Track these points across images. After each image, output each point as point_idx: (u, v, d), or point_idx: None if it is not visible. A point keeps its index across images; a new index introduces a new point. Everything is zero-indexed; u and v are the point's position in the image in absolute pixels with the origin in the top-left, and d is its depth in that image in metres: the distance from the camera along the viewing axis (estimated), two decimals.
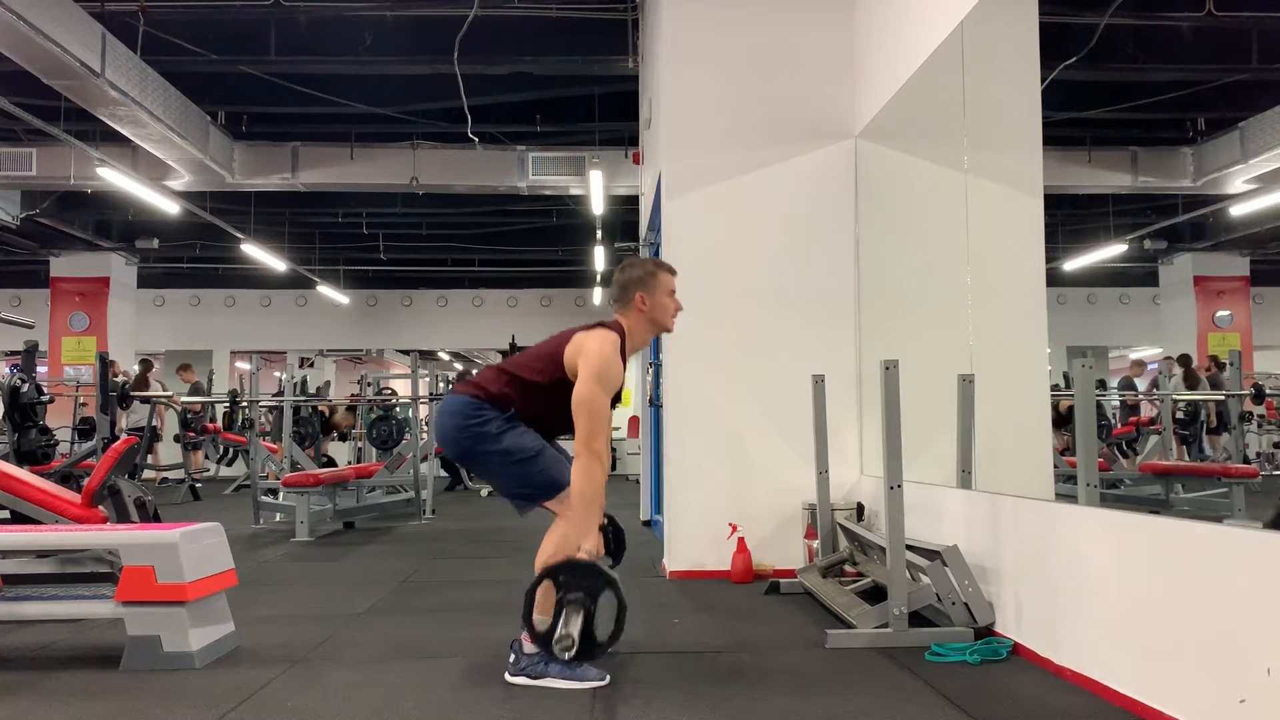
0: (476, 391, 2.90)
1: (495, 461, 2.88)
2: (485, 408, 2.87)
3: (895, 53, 4.35)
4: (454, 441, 2.92)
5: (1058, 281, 11.00)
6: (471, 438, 2.86)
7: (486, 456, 2.88)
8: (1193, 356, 9.10)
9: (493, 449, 2.85)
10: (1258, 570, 2.12)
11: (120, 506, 4.55)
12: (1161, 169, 8.61)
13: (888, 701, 2.63)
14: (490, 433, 2.84)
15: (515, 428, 2.87)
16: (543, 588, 2.74)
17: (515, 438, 2.85)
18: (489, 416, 2.85)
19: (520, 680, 2.79)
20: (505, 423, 2.86)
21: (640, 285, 3.00)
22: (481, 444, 2.86)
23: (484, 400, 2.88)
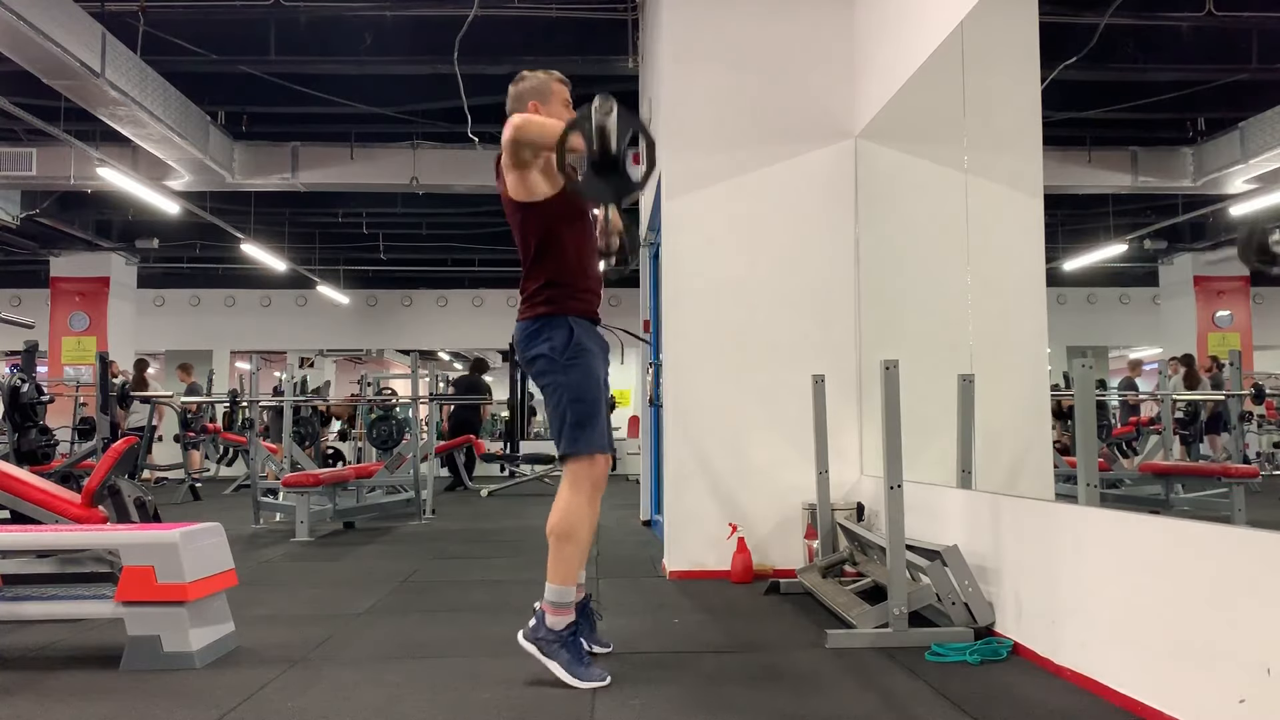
0: (534, 310, 2.94)
1: (557, 393, 2.90)
2: (552, 325, 2.90)
3: (895, 53, 4.35)
4: (530, 366, 2.98)
5: (1058, 281, 11.00)
6: (543, 363, 2.91)
7: (552, 385, 2.91)
8: (1194, 356, 9.10)
9: (560, 380, 2.89)
10: (1258, 570, 2.12)
11: (120, 506, 4.55)
12: (1161, 169, 8.61)
13: (888, 702, 2.63)
14: (558, 362, 2.89)
15: (582, 361, 2.90)
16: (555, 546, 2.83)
17: (579, 377, 2.90)
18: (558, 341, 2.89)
19: (530, 647, 2.81)
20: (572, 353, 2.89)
21: (534, 95, 3.02)
22: (551, 371, 2.90)
23: (544, 315, 2.92)
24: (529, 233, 2.96)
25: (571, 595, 2.84)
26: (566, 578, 2.83)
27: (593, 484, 2.90)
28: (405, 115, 8.64)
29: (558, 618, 2.81)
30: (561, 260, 2.95)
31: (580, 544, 2.87)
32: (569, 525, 2.85)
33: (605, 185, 2.66)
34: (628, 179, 2.67)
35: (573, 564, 2.85)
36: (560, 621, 2.81)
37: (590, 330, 3.00)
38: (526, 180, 2.91)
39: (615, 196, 2.74)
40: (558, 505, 2.88)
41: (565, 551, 2.84)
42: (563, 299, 2.94)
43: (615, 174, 2.62)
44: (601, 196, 2.75)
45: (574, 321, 2.93)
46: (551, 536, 2.86)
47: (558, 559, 2.84)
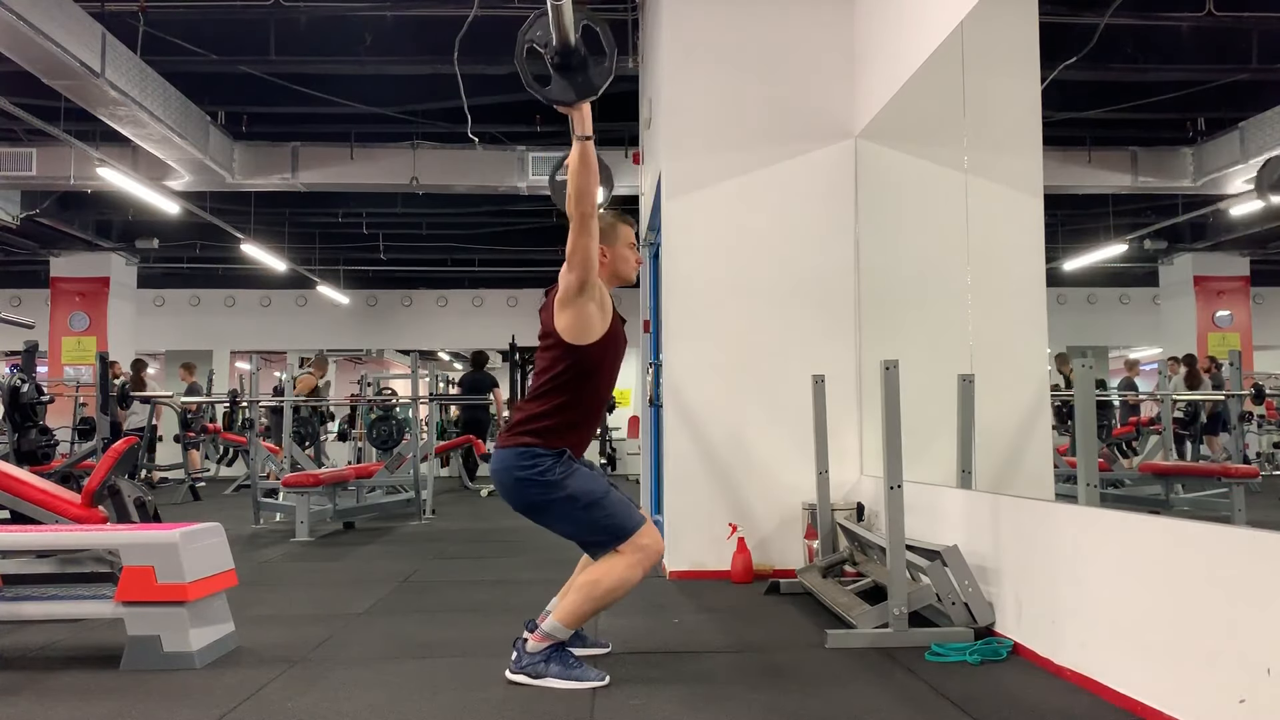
0: (520, 439, 2.82)
1: (562, 509, 2.81)
2: (537, 453, 2.80)
3: (895, 53, 4.35)
4: (518, 496, 2.84)
5: (1058, 281, 10.99)
6: (534, 488, 2.80)
7: (552, 505, 2.81)
8: (1195, 356, 9.10)
9: (558, 496, 2.79)
10: (1258, 570, 2.12)
11: (120, 506, 4.55)
12: (1161, 169, 8.61)
13: (888, 701, 2.63)
14: (552, 480, 2.78)
15: (574, 470, 2.82)
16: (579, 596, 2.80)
17: (579, 482, 2.80)
18: (545, 465, 2.78)
19: (521, 679, 2.79)
20: (563, 467, 2.80)
21: (601, 239, 2.97)
22: (545, 493, 2.80)
23: (530, 445, 2.81)
24: (561, 367, 2.84)
25: (566, 635, 2.84)
26: (574, 627, 2.83)
27: (645, 554, 2.82)
28: (405, 115, 8.64)
29: (538, 642, 2.81)
30: (582, 403, 2.86)
31: (608, 605, 2.86)
32: (611, 588, 2.79)
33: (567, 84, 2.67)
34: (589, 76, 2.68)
35: (587, 618, 2.85)
36: (540, 644, 2.81)
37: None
38: (583, 316, 2.81)
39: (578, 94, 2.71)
40: (612, 566, 2.80)
41: (591, 606, 2.81)
42: (560, 435, 2.83)
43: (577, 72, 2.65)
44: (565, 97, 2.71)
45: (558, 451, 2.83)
46: (589, 586, 2.79)
47: (582, 610, 2.79)
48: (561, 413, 2.83)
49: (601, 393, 2.94)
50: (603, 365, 2.90)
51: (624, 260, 3.02)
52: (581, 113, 2.71)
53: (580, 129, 2.71)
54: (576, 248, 2.74)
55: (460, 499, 9.96)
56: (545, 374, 2.88)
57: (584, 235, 2.72)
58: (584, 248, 2.73)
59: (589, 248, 2.74)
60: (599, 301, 2.84)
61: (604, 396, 2.98)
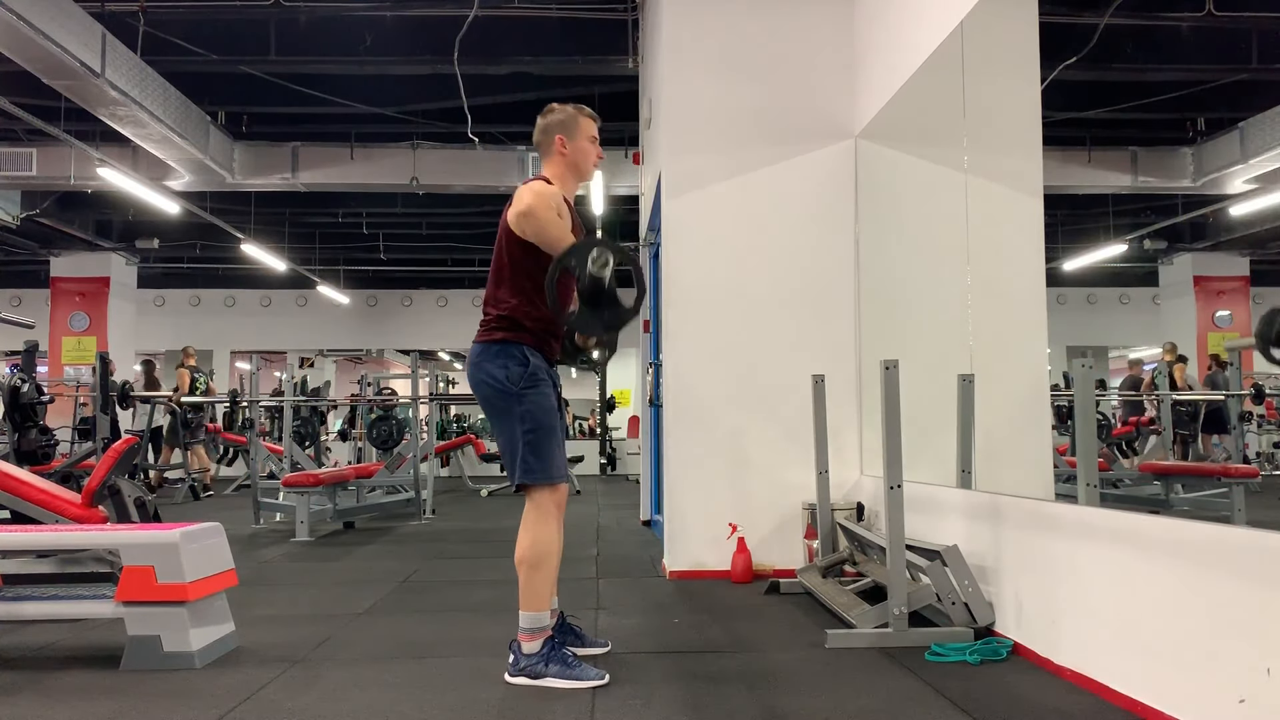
0: (494, 334, 2.87)
1: (507, 421, 2.85)
2: (510, 352, 2.84)
3: (895, 53, 4.35)
4: (480, 391, 2.89)
5: (1058, 281, 11.01)
6: (494, 393, 2.84)
7: (503, 413, 2.85)
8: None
9: (511, 407, 2.83)
10: (1258, 570, 2.12)
11: (120, 506, 4.56)
12: (1161, 169, 8.61)
13: (888, 701, 2.63)
14: (511, 392, 2.82)
15: (536, 389, 2.84)
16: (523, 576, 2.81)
17: (533, 404, 2.83)
18: (512, 372, 2.82)
19: (520, 680, 2.79)
20: (527, 381, 2.83)
21: (560, 128, 2.99)
22: (502, 401, 2.84)
23: (504, 340, 2.85)
24: (509, 256, 2.88)
25: (545, 620, 2.85)
26: (539, 604, 2.83)
27: (557, 506, 2.87)
28: (405, 115, 8.64)
29: (533, 641, 2.81)
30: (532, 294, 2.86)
31: (550, 570, 2.86)
32: (539, 554, 2.82)
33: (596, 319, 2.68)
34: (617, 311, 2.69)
35: (544, 591, 2.85)
36: (536, 644, 2.81)
37: (546, 364, 2.94)
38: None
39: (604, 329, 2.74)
40: (525, 535, 2.84)
41: (536, 580, 2.82)
42: (524, 330, 2.87)
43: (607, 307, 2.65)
44: (592, 330, 2.75)
45: (531, 352, 2.86)
46: (523, 567, 2.83)
47: (530, 588, 2.82)
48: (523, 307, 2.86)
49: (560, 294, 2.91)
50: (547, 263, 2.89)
51: (584, 154, 3.01)
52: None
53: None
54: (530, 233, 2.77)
55: (460, 499, 9.97)
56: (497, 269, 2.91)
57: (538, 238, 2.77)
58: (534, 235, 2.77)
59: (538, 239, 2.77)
60: (556, 209, 2.83)
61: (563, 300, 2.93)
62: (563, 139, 2.99)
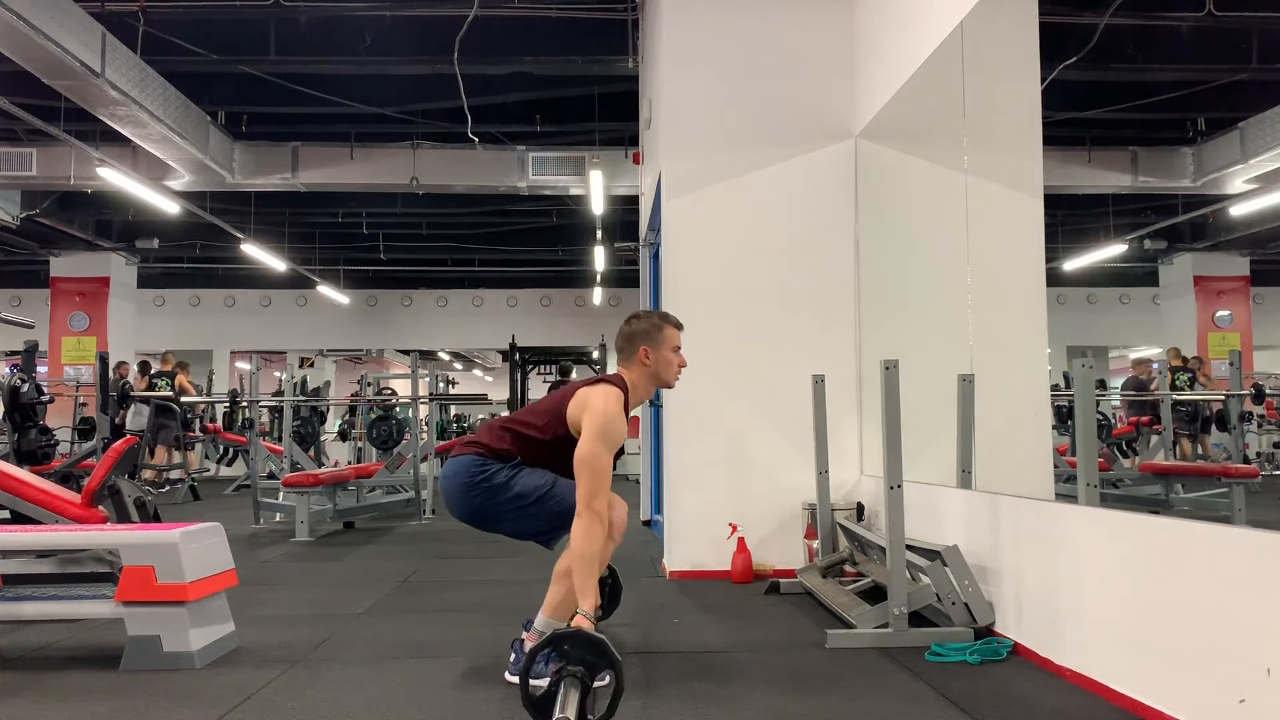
0: (478, 450, 2.83)
1: (510, 509, 2.80)
2: (488, 462, 2.80)
3: (895, 53, 4.35)
4: (464, 501, 2.83)
5: (1058, 281, 10.98)
6: (481, 493, 2.79)
7: (500, 508, 2.80)
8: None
9: (505, 498, 2.78)
10: (1258, 570, 2.12)
11: (120, 506, 4.55)
12: (1161, 169, 8.61)
13: (888, 701, 2.63)
14: (499, 483, 2.77)
15: (521, 471, 2.81)
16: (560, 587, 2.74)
17: (525, 479, 2.79)
18: (494, 468, 2.79)
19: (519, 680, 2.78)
20: (511, 470, 2.80)
21: (645, 339, 2.94)
22: (493, 497, 2.78)
23: (486, 456, 2.81)
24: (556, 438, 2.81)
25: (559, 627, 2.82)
26: (562, 617, 2.78)
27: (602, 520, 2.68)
28: (405, 115, 8.64)
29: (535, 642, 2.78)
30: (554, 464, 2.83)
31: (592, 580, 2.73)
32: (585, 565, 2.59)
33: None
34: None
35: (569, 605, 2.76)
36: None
37: None
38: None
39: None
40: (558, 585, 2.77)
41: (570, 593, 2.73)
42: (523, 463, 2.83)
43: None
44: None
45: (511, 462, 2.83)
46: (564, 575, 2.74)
47: (564, 599, 2.75)
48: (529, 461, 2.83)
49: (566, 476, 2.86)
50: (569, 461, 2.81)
51: (667, 364, 2.97)
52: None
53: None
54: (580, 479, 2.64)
55: None
56: (536, 429, 2.84)
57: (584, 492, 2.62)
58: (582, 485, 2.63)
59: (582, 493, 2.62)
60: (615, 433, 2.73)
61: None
62: (647, 350, 2.93)
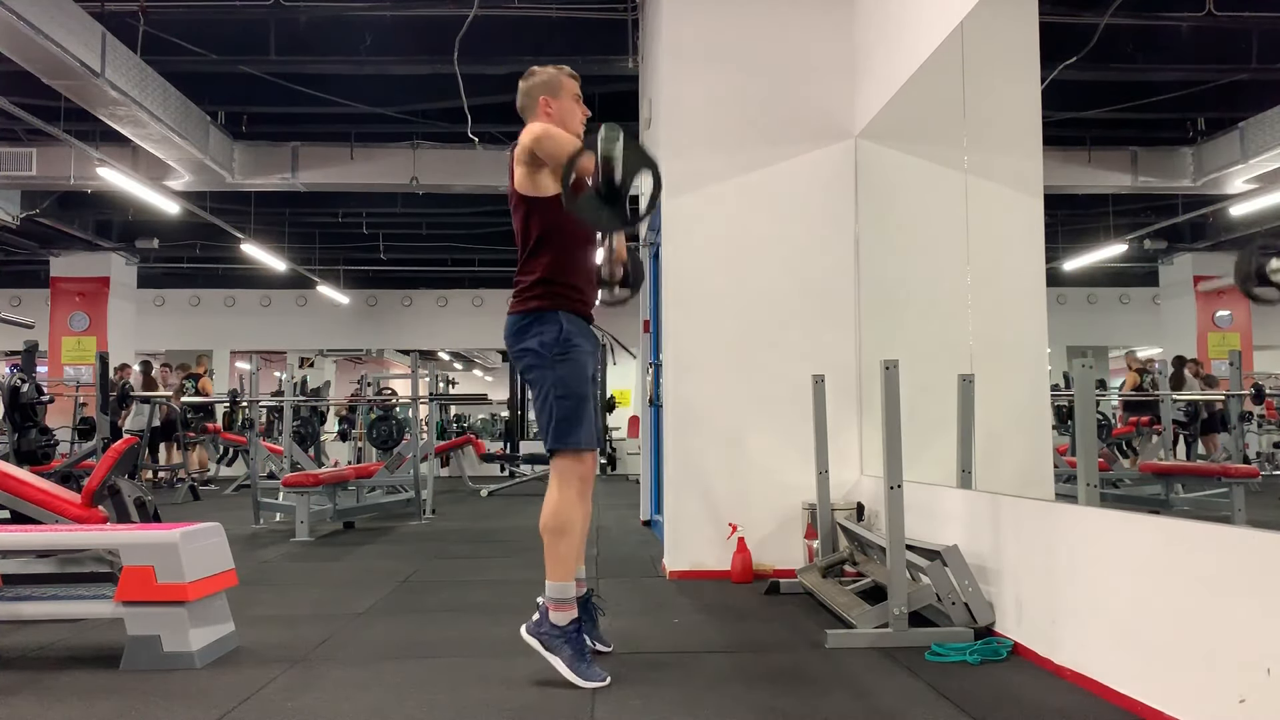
0: (526, 304, 2.92)
1: (542, 385, 2.90)
2: (544, 318, 2.89)
3: (895, 53, 4.35)
4: (518, 359, 2.96)
5: (1058, 281, 10.97)
6: (530, 357, 2.90)
7: (538, 378, 2.91)
8: (1185, 358, 9.13)
9: (546, 372, 2.88)
10: (1258, 570, 2.12)
11: (120, 506, 4.56)
12: (1161, 169, 8.61)
13: (888, 701, 2.63)
14: (545, 357, 2.88)
15: (570, 355, 2.89)
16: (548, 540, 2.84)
17: (566, 371, 2.89)
18: (549, 336, 2.87)
19: (533, 642, 2.82)
20: (560, 348, 2.88)
21: (544, 89, 3.04)
22: (539, 364, 2.89)
23: (537, 309, 2.90)
24: (531, 225, 2.95)
25: (572, 590, 2.85)
26: (565, 573, 2.84)
27: (581, 479, 2.91)
28: (405, 115, 8.64)
29: (561, 613, 2.81)
30: (560, 256, 2.94)
31: (574, 538, 2.88)
32: (561, 520, 2.86)
33: (604, 213, 2.67)
34: (625, 211, 2.68)
35: (569, 559, 2.86)
36: (564, 617, 2.81)
37: (583, 327, 3.00)
38: (536, 176, 2.92)
39: (612, 225, 2.77)
40: (548, 502, 2.89)
41: (560, 547, 2.85)
42: (556, 295, 2.92)
43: (616, 203, 2.63)
44: (599, 223, 2.77)
45: (565, 317, 2.92)
46: (545, 534, 2.87)
47: (554, 555, 2.85)
48: (550, 269, 2.92)
49: (579, 245, 3.00)
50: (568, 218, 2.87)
51: (570, 112, 3.06)
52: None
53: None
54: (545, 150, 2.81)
55: (460, 499, 9.96)
56: (521, 236, 2.98)
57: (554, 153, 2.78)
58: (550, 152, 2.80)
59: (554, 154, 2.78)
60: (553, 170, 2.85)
61: (584, 249, 3.02)
62: (547, 99, 3.04)
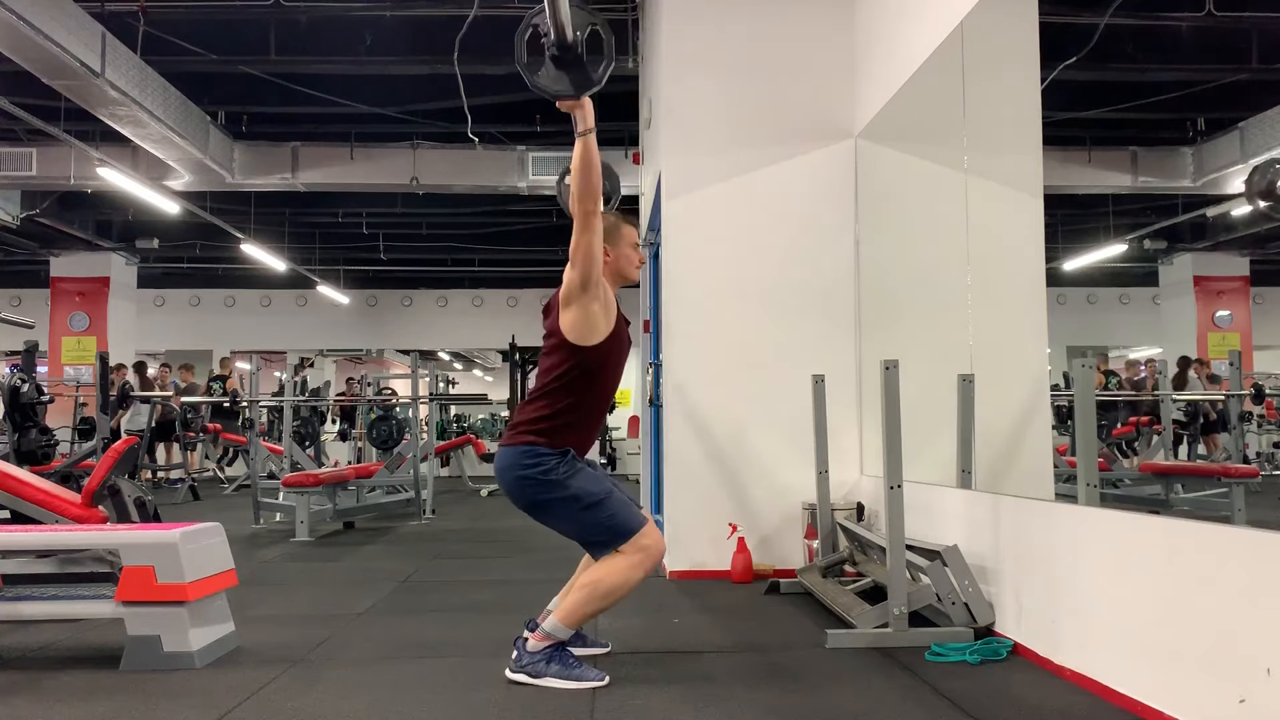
0: (523, 438, 2.82)
1: (565, 509, 2.81)
2: (540, 452, 2.80)
3: (895, 52, 4.35)
4: (520, 494, 2.84)
5: (1058, 281, 10.97)
6: (536, 487, 2.80)
7: (554, 504, 2.82)
8: (1190, 358, 9.13)
9: (561, 496, 2.79)
10: (1258, 570, 2.12)
11: (120, 506, 4.56)
12: (1161, 169, 8.61)
13: (888, 701, 2.63)
14: (555, 480, 2.78)
15: (578, 471, 2.82)
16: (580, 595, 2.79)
17: (581, 482, 2.80)
18: (549, 463, 2.78)
19: (520, 677, 2.79)
20: (567, 467, 2.80)
21: (604, 238, 2.98)
22: (548, 492, 2.79)
23: (534, 444, 2.81)
24: (563, 367, 2.84)
25: (566, 635, 2.83)
26: (574, 625, 2.83)
27: (646, 554, 2.79)
28: (405, 115, 8.63)
29: (539, 642, 2.81)
30: (586, 404, 2.87)
31: (608, 606, 2.84)
32: (612, 589, 2.77)
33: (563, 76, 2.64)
34: (586, 72, 2.65)
35: (589, 618, 2.85)
36: (541, 644, 2.80)
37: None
38: (587, 316, 2.81)
39: (574, 89, 2.69)
40: (613, 566, 2.78)
41: (593, 607, 2.80)
42: (560, 437, 2.82)
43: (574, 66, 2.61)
44: (561, 90, 2.69)
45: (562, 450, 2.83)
46: (590, 589, 2.78)
47: (583, 610, 2.79)
48: (565, 414, 2.83)
49: (605, 393, 2.95)
50: (606, 366, 2.89)
51: (627, 260, 3.03)
52: (582, 108, 2.71)
53: (581, 124, 2.71)
54: (579, 245, 2.74)
55: (460, 499, 9.96)
56: (549, 374, 2.88)
57: (587, 232, 2.73)
58: (587, 245, 2.74)
59: (592, 245, 2.75)
60: (603, 302, 2.84)
61: (607, 397, 2.98)
62: (606, 249, 2.94)
